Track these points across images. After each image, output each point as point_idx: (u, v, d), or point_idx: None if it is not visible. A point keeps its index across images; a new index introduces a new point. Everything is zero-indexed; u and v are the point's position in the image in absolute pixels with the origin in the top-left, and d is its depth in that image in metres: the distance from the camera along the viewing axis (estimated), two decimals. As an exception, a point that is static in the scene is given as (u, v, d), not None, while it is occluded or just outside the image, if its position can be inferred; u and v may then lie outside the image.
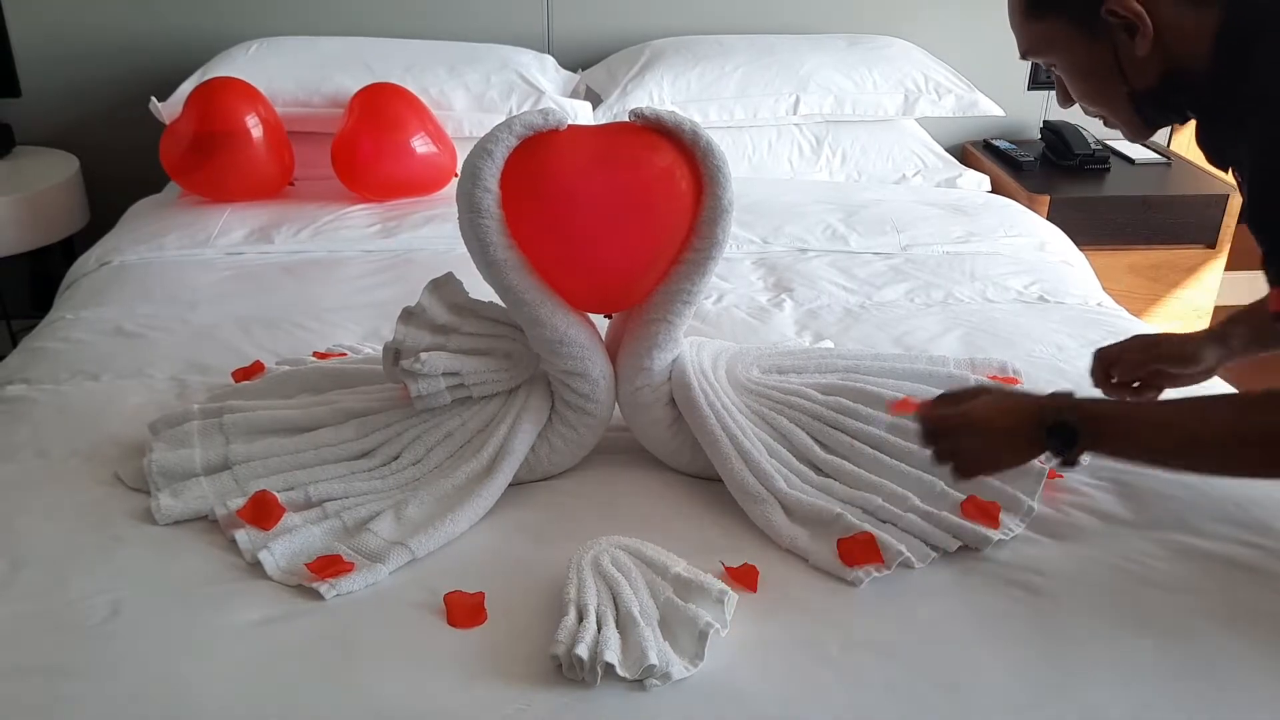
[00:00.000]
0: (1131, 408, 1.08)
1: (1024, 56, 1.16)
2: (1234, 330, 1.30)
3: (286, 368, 1.43)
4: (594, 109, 2.31)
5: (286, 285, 1.79)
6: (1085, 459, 1.14)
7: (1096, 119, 1.18)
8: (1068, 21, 1.09)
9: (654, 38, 2.54)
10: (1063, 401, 1.07)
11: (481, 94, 2.23)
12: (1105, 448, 1.06)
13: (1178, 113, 1.12)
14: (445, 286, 1.26)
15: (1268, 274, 1.01)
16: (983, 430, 1.08)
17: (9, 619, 1.01)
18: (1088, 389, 1.44)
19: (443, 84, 2.23)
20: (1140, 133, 1.16)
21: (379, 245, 1.95)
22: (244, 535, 1.12)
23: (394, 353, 1.22)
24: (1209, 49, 1.04)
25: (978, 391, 1.13)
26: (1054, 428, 1.04)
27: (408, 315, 1.24)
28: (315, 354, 1.52)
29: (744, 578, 1.08)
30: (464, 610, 1.03)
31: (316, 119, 2.20)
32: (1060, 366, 1.53)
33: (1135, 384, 1.32)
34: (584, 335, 1.22)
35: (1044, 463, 1.16)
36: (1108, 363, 1.33)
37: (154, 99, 2.18)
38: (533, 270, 1.18)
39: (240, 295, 1.75)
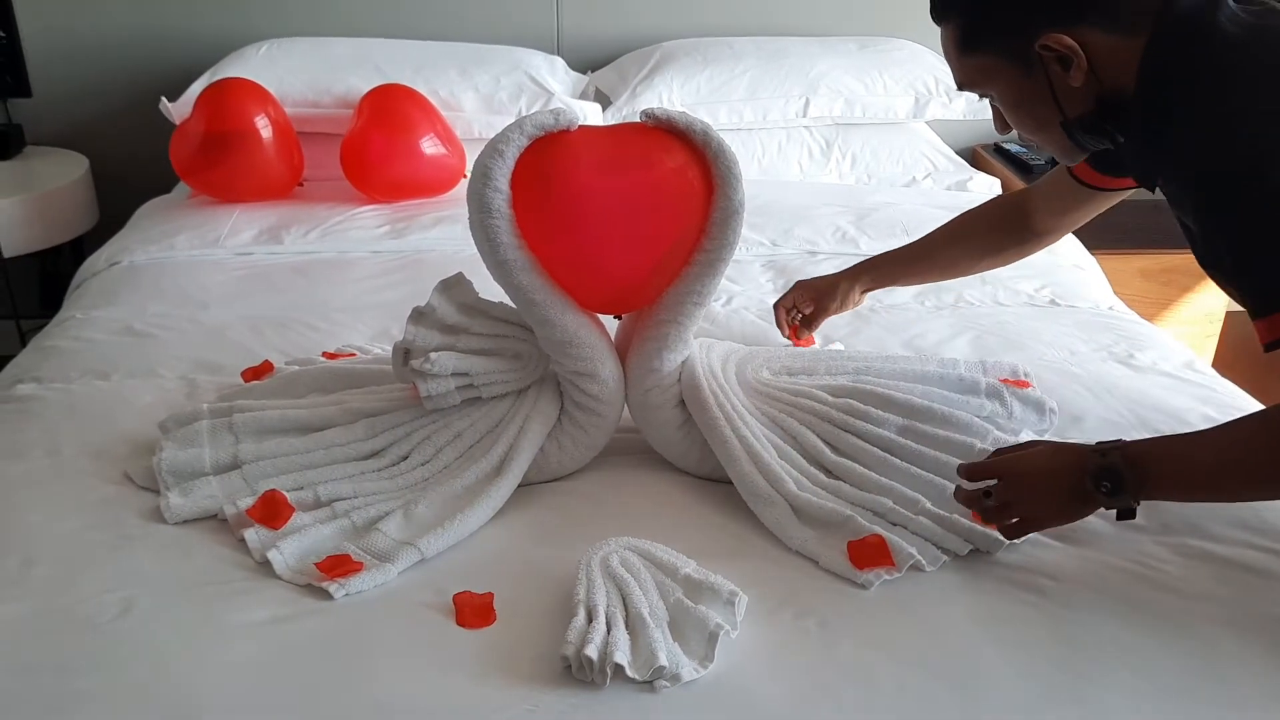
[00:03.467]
0: (1176, 440, 1.04)
1: (961, 88, 1.17)
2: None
3: (296, 368, 1.43)
4: (603, 111, 2.31)
5: (296, 286, 1.79)
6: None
7: (1031, 145, 1.18)
8: (1001, 55, 1.09)
9: (664, 39, 2.54)
10: (1107, 445, 1.03)
11: (491, 95, 2.24)
12: (1157, 489, 1.02)
13: (1109, 137, 1.11)
14: (455, 287, 1.26)
15: (1249, 308, 0.98)
16: (1028, 485, 1.07)
17: (20, 617, 1.01)
18: (1099, 393, 1.44)
19: (452, 85, 2.23)
20: (1073, 157, 1.17)
21: (388, 246, 1.95)
22: (253, 534, 1.12)
23: (404, 353, 1.22)
24: (1136, 73, 1.04)
25: (1030, 444, 1.12)
26: (1098, 473, 1.01)
27: (418, 315, 1.23)
28: (325, 354, 1.52)
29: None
30: (473, 611, 1.03)
31: (326, 120, 2.21)
32: (1072, 370, 1.52)
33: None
34: (594, 336, 1.22)
35: (1100, 515, 1.13)
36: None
37: (164, 99, 2.19)
38: (543, 270, 1.18)
39: (250, 295, 1.75)
